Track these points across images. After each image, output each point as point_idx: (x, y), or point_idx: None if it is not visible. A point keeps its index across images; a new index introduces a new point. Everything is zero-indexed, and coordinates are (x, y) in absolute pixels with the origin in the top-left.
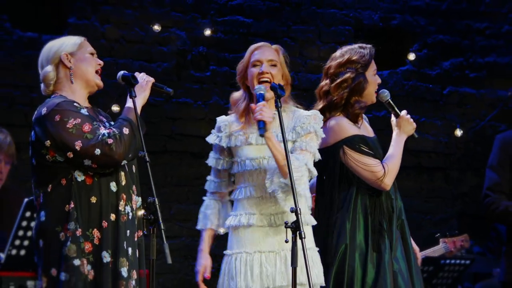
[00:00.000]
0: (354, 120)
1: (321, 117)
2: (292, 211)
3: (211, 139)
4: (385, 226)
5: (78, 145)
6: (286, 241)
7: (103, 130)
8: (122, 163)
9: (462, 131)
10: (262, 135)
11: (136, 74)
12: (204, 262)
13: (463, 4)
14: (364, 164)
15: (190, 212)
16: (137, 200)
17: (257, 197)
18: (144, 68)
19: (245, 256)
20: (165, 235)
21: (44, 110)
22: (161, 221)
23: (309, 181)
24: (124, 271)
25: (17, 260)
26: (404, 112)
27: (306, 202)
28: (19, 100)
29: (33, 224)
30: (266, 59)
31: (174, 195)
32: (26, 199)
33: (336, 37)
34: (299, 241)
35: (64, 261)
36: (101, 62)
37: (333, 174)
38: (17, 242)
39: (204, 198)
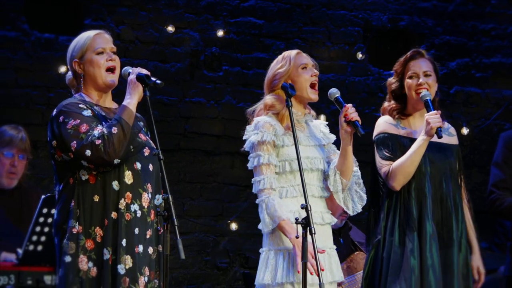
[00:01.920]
0: (394, 118)
1: None
2: (302, 208)
3: (266, 136)
4: (414, 223)
5: (73, 146)
6: (297, 237)
7: (95, 131)
8: (115, 162)
9: (468, 130)
10: (362, 134)
11: (133, 69)
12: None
13: (469, 6)
14: (377, 163)
15: (202, 208)
16: (151, 197)
17: (309, 196)
18: (158, 68)
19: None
20: (178, 231)
21: (54, 111)
22: (174, 217)
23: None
24: (121, 268)
25: (35, 255)
26: (429, 113)
27: (353, 204)
28: (36, 100)
29: (49, 220)
30: (311, 63)
31: (187, 192)
32: (43, 196)
33: (345, 38)
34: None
35: (63, 258)
36: (113, 57)
37: (373, 169)
38: (35, 238)
39: (267, 195)
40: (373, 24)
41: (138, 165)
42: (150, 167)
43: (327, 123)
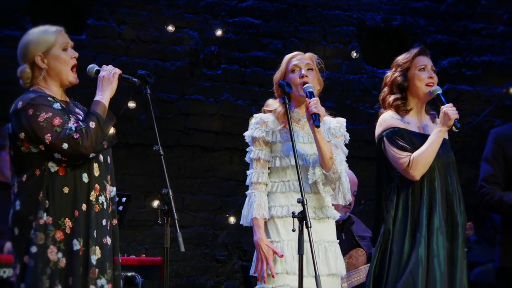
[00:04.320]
0: (399, 113)
1: (345, 123)
2: (298, 202)
3: (256, 132)
4: (424, 215)
5: (47, 138)
6: (293, 230)
7: (71, 124)
8: (91, 156)
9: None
10: (318, 126)
11: (104, 66)
12: (271, 247)
13: (460, 6)
14: (393, 155)
15: (202, 202)
16: (111, 190)
17: (299, 191)
18: (158, 66)
19: (294, 244)
20: (178, 225)
21: (19, 104)
22: (174, 211)
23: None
24: (93, 259)
25: None
26: (446, 105)
27: (343, 194)
28: None
29: None
30: (303, 64)
31: (186, 187)
32: None
33: (340, 37)
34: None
35: (31, 248)
36: (76, 54)
37: (380, 164)
38: None
39: (252, 190)
40: (367, 24)
41: (101, 157)
42: (108, 159)
43: (339, 120)
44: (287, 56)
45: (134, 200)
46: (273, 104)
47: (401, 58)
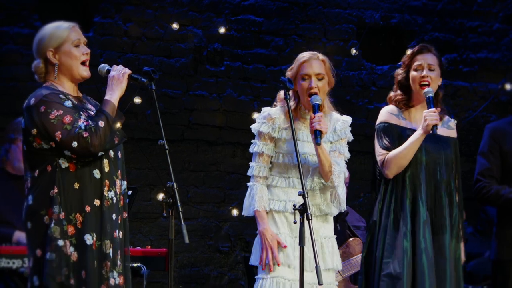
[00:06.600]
0: (398, 106)
1: (350, 122)
2: (300, 195)
3: (263, 127)
4: (408, 208)
5: (58, 136)
6: (295, 222)
7: (81, 123)
8: (99, 154)
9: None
10: (318, 144)
11: (114, 66)
12: (275, 237)
13: (457, 4)
14: (376, 151)
15: (206, 195)
16: (121, 184)
17: (297, 189)
18: (163, 63)
19: (289, 238)
20: (182, 217)
21: (32, 100)
22: (179, 203)
23: None
24: (110, 253)
25: None
26: (428, 110)
27: (340, 203)
28: None
29: None
30: (314, 73)
31: (191, 180)
32: None
33: (340, 35)
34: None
35: (49, 242)
36: (88, 51)
37: (374, 156)
38: None
39: (254, 183)
40: (366, 22)
41: (111, 153)
42: (119, 154)
43: (344, 119)
44: (300, 59)
45: (140, 193)
46: (282, 98)
47: (405, 56)
